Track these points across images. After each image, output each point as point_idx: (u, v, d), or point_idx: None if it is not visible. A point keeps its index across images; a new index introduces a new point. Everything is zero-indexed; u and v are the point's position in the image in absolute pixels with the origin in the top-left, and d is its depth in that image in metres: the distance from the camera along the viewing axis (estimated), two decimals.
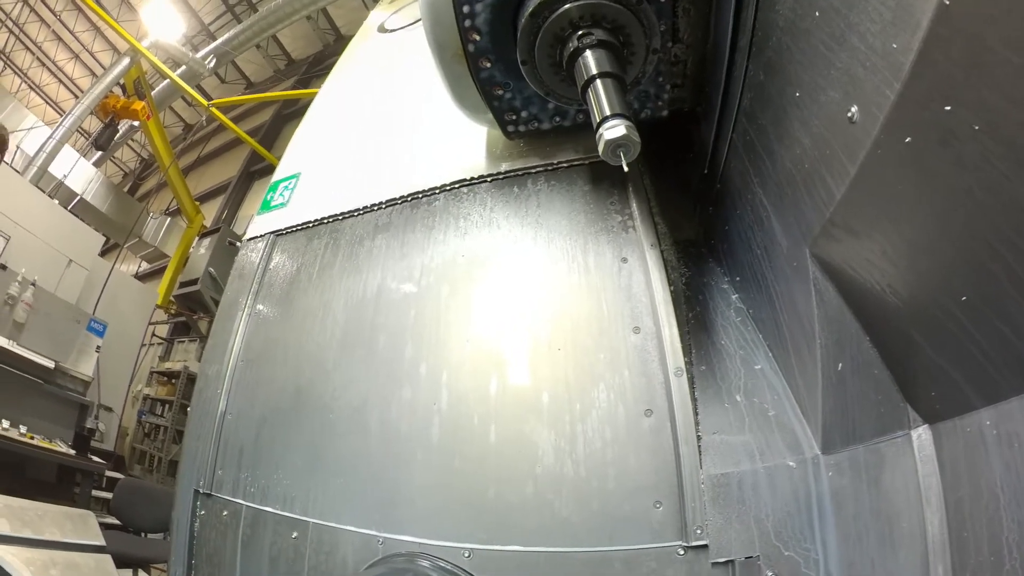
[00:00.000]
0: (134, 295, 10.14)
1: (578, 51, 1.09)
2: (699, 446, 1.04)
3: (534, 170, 1.51)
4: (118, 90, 10.78)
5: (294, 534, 1.30)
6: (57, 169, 11.50)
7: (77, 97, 14.76)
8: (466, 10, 1.20)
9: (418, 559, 1.10)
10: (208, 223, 11.63)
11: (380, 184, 1.75)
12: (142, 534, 4.90)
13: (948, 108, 0.57)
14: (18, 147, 11.18)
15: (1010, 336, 0.62)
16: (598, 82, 1.05)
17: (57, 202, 9.12)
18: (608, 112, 1.01)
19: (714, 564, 0.95)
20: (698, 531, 0.97)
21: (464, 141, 1.66)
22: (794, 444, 1.02)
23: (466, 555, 1.09)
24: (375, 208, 1.69)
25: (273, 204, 2.04)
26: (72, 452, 6.68)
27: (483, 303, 1.36)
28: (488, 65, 1.29)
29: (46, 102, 18.47)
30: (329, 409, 1.40)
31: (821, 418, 0.98)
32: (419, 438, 1.24)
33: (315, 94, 2.60)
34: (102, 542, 3.54)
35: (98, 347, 7.72)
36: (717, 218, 1.42)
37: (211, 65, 12.40)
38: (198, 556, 1.46)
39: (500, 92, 1.36)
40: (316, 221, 1.81)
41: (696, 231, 1.58)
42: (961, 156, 0.59)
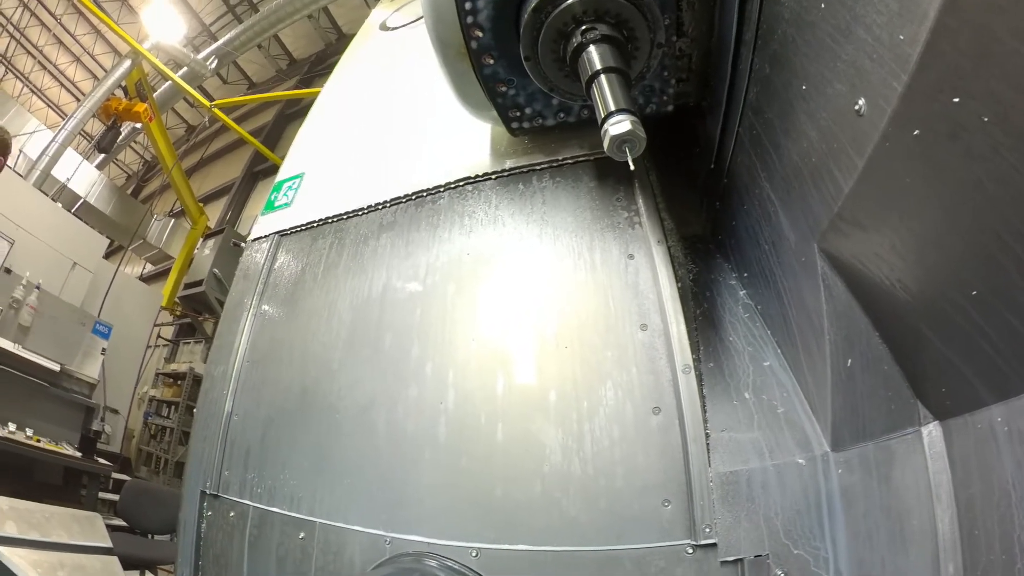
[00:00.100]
0: (139, 297, 10.16)
1: (582, 46, 1.08)
2: (707, 444, 1.04)
3: (539, 167, 1.50)
4: (120, 93, 10.82)
5: (301, 534, 1.30)
6: (60, 172, 11.51)
7: (79, 100, 14.80)
8: (468, 7, 1.19)
9: (425, 559, 1.10)
10: (212, 224, 11.68)
11: (384, 183, 1.74)
12: (149, 536, 4.94)
13: (956, 100, 0.56)
14: (21, 151, 11.20)
15: (1021, 330, 0.62)
16: (602, 77, 1.04)
17: (61, 205, 9.14)
18: (613, 108, 1.00)
19: (723, 563, 0.95)
20: (707, 529, 0.97)
21: (468, 138, 1.66)
22: (803, 441, 1.01)
23: (474, 555, 1.08)
24: (379, 207, 1.69)
25: (277, 204, 2.03)
26: (78, 454, 6.69)
27: (489, 301, 1.36)
28: (491, 62, 1.28)
29: (48, 106, 18.53)
30: (335, 409, 1.40)
31: (830, 415, 0.97)
32: (426, 437, 1.24)
33: (318, 93, 2.60)
34: (109, 544, 3.54)
35: (103, 349, 7.71)
36: (724, 213, 1.41)
37: (213, 66, 12.39)
38: (205, 557, 1.46)
39: (504, 89, 1.35)
40: (320, 221, 1.81)
41: (703, 227, 1.57)
42: (970, 148, 0.58)
